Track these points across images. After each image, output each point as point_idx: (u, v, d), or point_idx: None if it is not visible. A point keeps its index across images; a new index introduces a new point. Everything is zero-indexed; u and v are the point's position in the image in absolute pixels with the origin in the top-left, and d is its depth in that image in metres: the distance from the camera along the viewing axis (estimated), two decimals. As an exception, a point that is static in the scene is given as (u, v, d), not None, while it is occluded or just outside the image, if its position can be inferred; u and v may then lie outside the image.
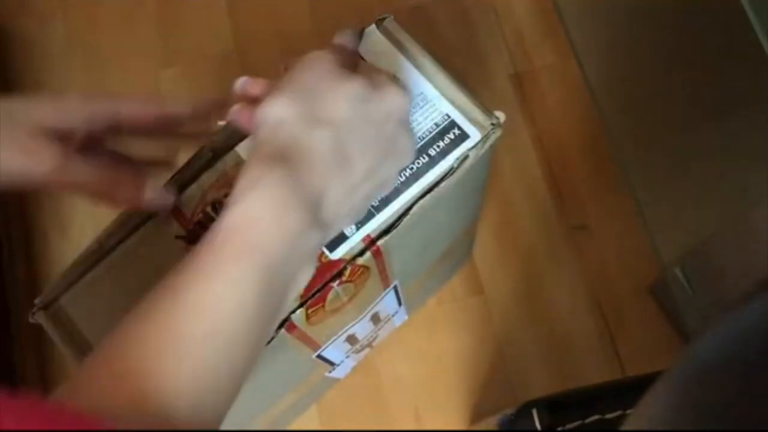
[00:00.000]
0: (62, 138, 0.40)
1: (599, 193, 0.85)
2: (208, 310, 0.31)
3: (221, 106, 0.44)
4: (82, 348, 0.43)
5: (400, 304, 0.66)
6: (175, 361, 0.30)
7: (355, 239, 0.44)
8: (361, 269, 0.45)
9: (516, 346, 0.80)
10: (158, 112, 0.44)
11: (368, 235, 0.44)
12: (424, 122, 0.45)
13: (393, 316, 0.69)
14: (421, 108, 0.46)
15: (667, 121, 0.70)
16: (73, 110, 0.40)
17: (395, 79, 0.40)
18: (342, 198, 0.36)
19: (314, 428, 0.78)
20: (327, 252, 0.44)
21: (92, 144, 0.42)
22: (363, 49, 0.47)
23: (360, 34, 0.46)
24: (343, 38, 0.45)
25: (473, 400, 0.79)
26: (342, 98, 0.37)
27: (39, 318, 0.43)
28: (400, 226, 0.44)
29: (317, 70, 0.38)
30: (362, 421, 0.79)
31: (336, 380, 0.76)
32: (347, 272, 0.44)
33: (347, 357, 0.67)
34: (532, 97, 0.90)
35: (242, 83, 0.41)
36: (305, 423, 0.78)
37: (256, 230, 0.32)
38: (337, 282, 0.44)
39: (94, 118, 0.41)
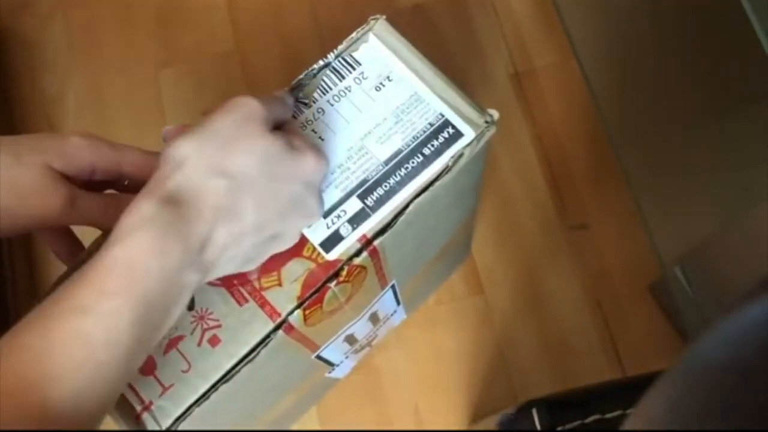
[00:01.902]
0: (67, 180, 0.41)
1: (599, 193, 0.85)
2: (81, 342, 0.32)
3: None
4: None
5: (398, 303, 0.66)
6: (51, 385, 0.31)
7: (351, 239, 0.44)
8: (357, 269, 0.45)
9: (516, 345, 0.80)
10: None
11: (364, 235, 0.44)
12: (418, 122, 0.46)
13: (392, 315, 0.69)
14: (414, 108, 0.46)
15: (667, 121, 0.70)
16: (77, 154, 0.41)
17: (315, 147, 0.41)
18: (227, 244, 0.37)
19: (314, 428, 0.78)
20: (323, 252, 0.44)
21: (92, 188, 0.42)
22: (357, 53, 0.47)
23: (295, 97, 0.47)
24: (281, 94, 0.45)
25: (473, 400, 0.79)
26: (251, 153, 0.37)
27: None
28: (395, 225, 0.44)
29: (237, 118, 0.38)
30: (362, 420, 0.79)
31: (336, 380, 0.76)
32: (344, 273, 0.44)
33: (346, 357, 0.67)
34: (532, 97, 0.90)
35: (165, 131, 0.42)
36: (305, 423, 0.78)
37: (136, 268, 0.33)
38: (334, 282, 0.44)
39: (97, 165, 0.42)
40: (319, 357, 0.57)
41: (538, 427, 0.56)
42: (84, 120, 0.92)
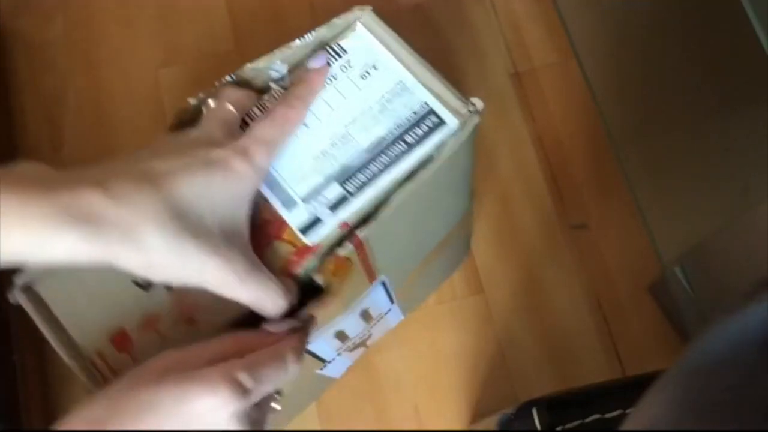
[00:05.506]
0: None
1: (599, 193, 0.85)
2: None
3: None
4: (60, 331, 0.43)
5: (391, 301, 0.66)
6: None
7: (331, 224, 0.44)
8: (342, 260, 0.45)
9: (516, 345, 0.80)
10: None
11: (346, 223, 0.44)
12: (402, 110, 0.46)
13: (386, 314, 0.69)
14: (399, 96, 0.46)
15: (667, 121, 0.70)
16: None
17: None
18: None
19: (314, 428, 0.78)
20: (302, 237, 0.44)
21: None
22: (344, 41, 0.48)
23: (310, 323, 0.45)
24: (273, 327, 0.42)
25: (473, 400, 0.79)
26: None
27: (18, 298, 0.43)
28: (380, 217, 0.44)
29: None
30: (362, 420, 0.79)
31: (331, 379, 0.76)
32: (331, 266, 0.44)
33: (339, 355, 0.67)
34: (532, 97, 0.90)
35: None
36: (305, 423, 0.78)
37: None
38: (315, 272, 0.44)
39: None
40: (307, 350, 0.57)
41: (538, 427, 0.56)
42: (84, 120, 0.92)
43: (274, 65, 0.48)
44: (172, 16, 0.96)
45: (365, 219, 0.44)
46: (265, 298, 0.41)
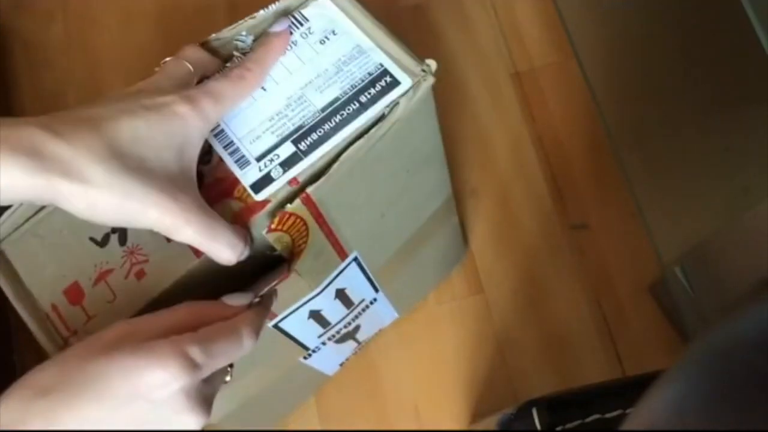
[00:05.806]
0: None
1: (599, 193, 0.85)
2: None
3: None
4: (19, 287, 0.44)
5: (375, 289, 0.66)
6: None
7: (281, 182, 0.44)
8: (293, 218, 0.45)
9: (516, 345, 0.80)
10: None
11: (295, 179, 0.44)
12: (358, 72, 0.47)
13: (371, 303, 0.68)
14: (356, 59, 0.47)
15: (667, 121, 0.70)
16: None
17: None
18: None
19: (314, 428, 0.78)
20: (252, 194, 0.44)
21: None
22: (306, 10, 0.49)
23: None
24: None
25: (473, 400, 0.79)
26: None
27: None
28: (330, 174, 0.44)
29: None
30: (362, 420, 0.79)
31: (323, 375, 0.75)
32: (276, 220, 0.44)
33: (323, 344, 0.66)
34: (532, 97, 0.90)
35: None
36: (305, 422, 0.78)
37: None
38: (265, 230, 0.44)
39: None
40: (279, 328, 0.56)
41: (538, 427, 0.56)
42: (84, 120, 0.92)
43: (239, 35, 0.49)
44: (173, 15, 0.96)
45: (317, 178, 0.45)
46: (218, 241, 0.40)
